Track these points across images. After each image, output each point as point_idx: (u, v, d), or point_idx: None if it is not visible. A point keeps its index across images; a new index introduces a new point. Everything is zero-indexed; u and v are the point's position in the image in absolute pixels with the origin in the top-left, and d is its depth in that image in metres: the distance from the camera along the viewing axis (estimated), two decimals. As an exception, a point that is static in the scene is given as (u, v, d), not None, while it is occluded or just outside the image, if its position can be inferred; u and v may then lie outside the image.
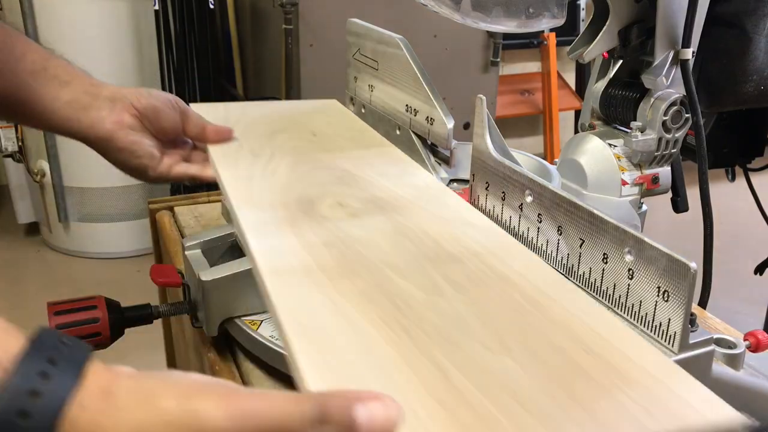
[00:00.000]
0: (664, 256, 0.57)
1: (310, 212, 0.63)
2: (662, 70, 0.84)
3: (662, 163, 0.89)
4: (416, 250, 0.58)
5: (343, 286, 0.51)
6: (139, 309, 0.73)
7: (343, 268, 0.53)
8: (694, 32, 0.83)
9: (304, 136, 0.86)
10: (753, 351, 0.66)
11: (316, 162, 0.77)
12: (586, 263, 0.66)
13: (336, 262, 0.54)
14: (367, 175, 0.73)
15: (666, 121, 0.85)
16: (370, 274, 0.53)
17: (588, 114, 0.96)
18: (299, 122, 0.92)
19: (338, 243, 0.57)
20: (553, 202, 0.70)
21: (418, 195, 0.69)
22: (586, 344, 0.47)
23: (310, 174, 0.73)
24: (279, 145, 0.81)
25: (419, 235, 0.60)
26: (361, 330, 0.46)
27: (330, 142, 0.84)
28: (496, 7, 0.75)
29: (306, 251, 0.55)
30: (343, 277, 0.52)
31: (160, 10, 2.62)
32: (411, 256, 0.56)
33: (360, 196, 0.68)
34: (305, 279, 0.52)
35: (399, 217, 0.63)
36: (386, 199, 0.68)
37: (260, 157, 0.77)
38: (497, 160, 0.78)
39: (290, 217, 0.62)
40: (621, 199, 0.88)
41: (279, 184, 0.69)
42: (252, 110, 0.96)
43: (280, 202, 0.65)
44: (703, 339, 0.61)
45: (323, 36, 2.42)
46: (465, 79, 2.70)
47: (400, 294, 0.51)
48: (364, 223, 0.62)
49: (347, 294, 0.50)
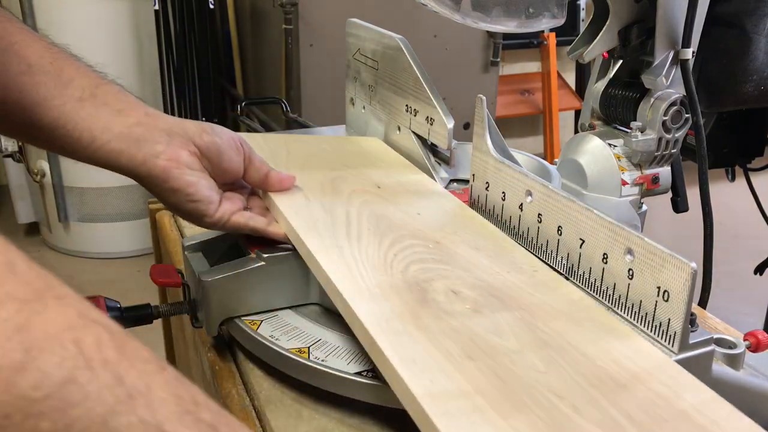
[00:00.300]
0: (664, 256, 0.57)
1: (426, 302, 0.59)
2: (662, 70, 0.84)
3: (662, 163, 0.89)
4: (569, 367, 0.53)
5: (520, 425, 0.46)
6: (139, 309, 0.73)
7: (507, 397, 0.48)
8: (694, 32, 0.83)
9: (368, 188, 0.81)
10: (753, 351, 0.66)
11: (397, 227, 0.72)
12: (586, 263, 0.66)
13: (493, 386, 0.49)
14: (461, 250, 0.69)
15: (666, 121, 0.85)
16: (540, 407, 0.48)
17: (588, 114, 0.96)
18: (354, 167, 0.88)
19: (482, 355, 0.53)
20: (553, 202, 0.70)
21: (527, 281, 0.65)
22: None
23: (399, 244, 0.69)
24: (348, 200, 0.77)
25: (561, 344, 0.55)
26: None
27: (397, 197, 0.80)
28: (496, 7, 0.75)
29: (453, 366, 0.51)
30: (515, 411, 0.47)
31: (160, 10, 2.62)
32: (568, 376, 0.51)
33: (468, 280, 0.64)
34: (475, 416, 0.46)
35: (527, 316, 0.59)
36: (497, 285, 0.63)
37: (335, 216, 0.72)
38: (497, 160, 0.78)
39: (409, 311, 0.57)
40: (621, 199, 0.88)
41: (374, 258, 0.65)
42: (295, 147, 0.92)
43: (388, 286, 0.61)
44: (703, 339, 0.61)
45: (323, 36, 2.42)
46: (465, 79, 2.70)
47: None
48: (495, 323, 0.57)
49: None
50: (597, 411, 0.48)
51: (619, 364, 0.54)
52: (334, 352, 0.67)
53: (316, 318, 0.73)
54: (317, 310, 0.74)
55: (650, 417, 0.48)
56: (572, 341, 0.56)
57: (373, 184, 0.83)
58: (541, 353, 0.54)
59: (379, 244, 0.68)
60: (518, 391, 0.49)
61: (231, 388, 0.71)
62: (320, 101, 2.44)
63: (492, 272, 0.66)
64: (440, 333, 0.55)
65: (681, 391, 0.52)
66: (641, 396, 0.50)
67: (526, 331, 0.56)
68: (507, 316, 0.58)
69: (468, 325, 0.56)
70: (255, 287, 0.72)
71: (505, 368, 0.51)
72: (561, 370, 0.52)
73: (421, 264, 0.65)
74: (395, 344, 0.53)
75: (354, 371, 0.64)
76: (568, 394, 0.49)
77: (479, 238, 0.73)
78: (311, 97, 2.47)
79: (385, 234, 0.70)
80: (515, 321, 0.58)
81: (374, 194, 0.80)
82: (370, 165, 0.91)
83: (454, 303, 0.59)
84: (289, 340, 0.68)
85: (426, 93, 0.89)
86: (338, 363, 0.65)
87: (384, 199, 0.79)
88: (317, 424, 0.65)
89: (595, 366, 0.53)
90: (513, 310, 0.59)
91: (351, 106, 1.10)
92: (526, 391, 0.49)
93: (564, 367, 0.52)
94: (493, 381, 0.50)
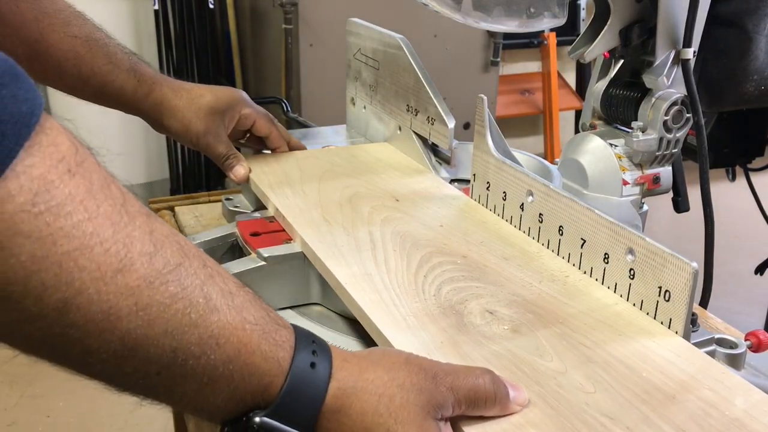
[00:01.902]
0: (665, 255, 0.57)
1: (464, 327, 0.58)
2: (663, 69, 0.84)
3: (663, 162, 0.89)
4: (615, 383, 0.52)
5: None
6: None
7: (560, 426, 0.48)
8: (695, 32, 0.82)
9: (386, 203, 0.81)
10: (754, 351, 0.65)
11: (423, 244, 0.71)
12: (588, 263, 0.66)
13: (545, 414, 0.49)
14: (490, 262, 0.69)
15: (667, 120, 0.85)
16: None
17: (589, 114, 0.96)
18: (369, 179, 0.88)
19: (528, 381, 0.52)
20: (554, 202, 0.70)
21: (560, 290, 0.64)
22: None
23: (428, 264, 0.67)
24: (368, 219, 0.76)
25: (604, 357, 0.55)
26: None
27: (416, 209, 0.79)
28: (497, 7, 0.75)
29: None
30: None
31: (160, 10, 2.62)
32: (616, 393, 0.51)
33: (502, 296, 0.63)
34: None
35: (567, 330, 0.58)
36: (532, 299, 0.63)
37: (359, 240, 0.71)
38: (498, 160, 0.78)
39: (449, 339, 0.56)
40: (622, 199, 0.88)
41: (404, 282, 0.64)
42: (307, 165, 0.92)
43: (423, 313, 0.60)
44: (704, 339, 0.61)
45: (323, 36, 2.42)
46: (465, 79, 2.70)
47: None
48: (536, 343, 0.56)
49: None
50: (650, 429, 0.48)
51: (664, 372, 0.53)
52: (335, 352, 0.66)
53: (317, 318, 0.73)
54: (318, 310, 0.74)
55: (704, 430, 0.48)
56: (614, 352, 0.56)
57: (390, 197, 0.82)
58: (586, 371, 0.53)
59: (408, 265, 0.67)
60: (570, 417, 0.48)
61: (232, 389, 0.70)
62: (320, 101, 2.44)
63: (524, 284, 0.65)
64: (483, 361, 0.54)
65: (730, 396, 0.51)
66: (692, 407, 0.50)
67: (568, 348, 0.56)
68: (546, 333, 0.58)
69: (509, 348, 0.56)
70: (255, 287, 0.72)
71: (553, 393, 0.51)
72: (608, 387, 0.52)
73: (453, 284, 0.64)
74: None
75: (355, 371, 0.64)
76: (619, 414, 0.49)
77: (505, 245, 0.72)
78: (311, 97, 2.47)
79: (411, 254, 0.69)
80: (555, 338, 0.57)
81: (393, 209, 0.79)
82: (383, 173, 0.90)
83: (492, 324, 0.59)
84: (289, 340, 0.68)
85: (427, 93, 0.89)
86: (339, 363, 0.65)
87: (404, 213, 0.78)
88: (318, 425, 0.65)
89: (641, 378, 0.53)
90: (552, 326, 0.59)
91: (352, 106, 1.10)
92: (577, 416, 0.49)
93: (611, 384, 0.52)
94: (544, 409, 0.49)
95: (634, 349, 0.56)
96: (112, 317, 0.36)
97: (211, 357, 0.40)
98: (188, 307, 0.39)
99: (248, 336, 0.42)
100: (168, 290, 0.38)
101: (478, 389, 0.47)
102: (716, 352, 0.61)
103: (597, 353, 0.56)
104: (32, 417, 1.95)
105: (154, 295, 0.37)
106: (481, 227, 0.76)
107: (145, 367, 0.39)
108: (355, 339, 0.69)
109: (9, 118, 0.34)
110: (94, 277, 0.36)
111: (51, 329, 0.36)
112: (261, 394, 0.43)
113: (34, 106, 0.35)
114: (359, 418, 0.44)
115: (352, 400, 0.44)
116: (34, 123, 0.35)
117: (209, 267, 0.42)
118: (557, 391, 0.51)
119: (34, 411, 1.97)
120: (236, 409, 0.43)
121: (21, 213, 0.34)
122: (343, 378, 0.44)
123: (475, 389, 0.47)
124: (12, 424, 1.93)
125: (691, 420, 0.49)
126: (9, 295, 0.34)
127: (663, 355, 0.55)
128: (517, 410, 0.48)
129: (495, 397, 0.48)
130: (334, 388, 0.44)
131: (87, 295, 0.36)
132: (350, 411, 0.44)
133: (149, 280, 0.37)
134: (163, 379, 0.40)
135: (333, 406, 0.44)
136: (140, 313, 0.37)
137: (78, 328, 0.36)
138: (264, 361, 0.42)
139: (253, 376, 0.42)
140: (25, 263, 0.34)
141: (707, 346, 0.60)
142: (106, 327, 0.36)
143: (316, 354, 0.45)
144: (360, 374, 0.45)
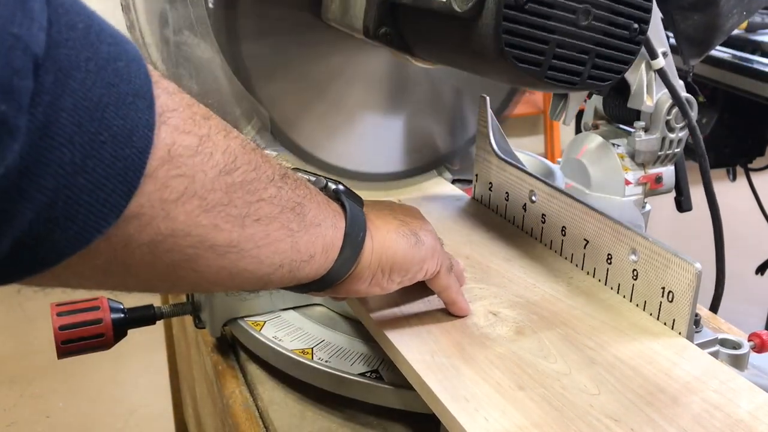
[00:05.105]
0: (668, 256, 0.57)
1: (467, 329, 0.58)
2: (642, 89, 0.83)
3: (666, 162, 0.89)
4: (619, 384, 0.52)
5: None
6: (142, 310, 0.73)
7: (565, 429, 0.48)
8: (656, 39, 0.81)
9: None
10: (758, 352, 0.65)
11: None
12: (591, 264, 0.66)
13: (549, 416, 0.49)
14: (494, 264, 0.69)
15: (669, 120, 0.85)
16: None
17: (591, 113, 0.96)
18: None
19: (532, 383, 0.52)
20: (557, 202, 0.70)
21: (563, 291, 0.64)
22: None
23: None
24: None
25: (608, 359, 0.55)
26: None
27: (420, 209, 0.79)
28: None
29: (505, 399, 0.50)
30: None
31: (160, 9, 2.62)
32: (620, 395, 0.51)
33: (506, 298, 0.63)
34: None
35: (570, 332, 0.58)
36: (535, 300, 0.63)
37: None
38: (501, 160, 0.78)
39: (452, 341, 0.57)
40: (624, 198, 0.88)
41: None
42: None
43: (427, 315, 0.60)
44: (707, 340, 0.61)
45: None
46: (465, 79, 2.70)
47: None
48: (540, 344, 0.57)
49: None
50: (655, 431, 0.48)
51: (668, 374, 0.53)
52: (338, 354, 0.66)
53: (320, 319, 0.72)
54: (321, 311, 0.74)
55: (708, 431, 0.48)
56: (618, 354, 0.55)
57: (392, 197, 0.82)
58: (590, 372, 0.53)
59: None
60: (574, 419, 0.48)
61: (234, 389, 0.70)
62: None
63: (527, 285, 0.65)
64: (487, 363, 0.54)
65: (735, 397, 0.51)
66: (696, 408, 0.50)
67: (572, 350, 0.56)
68: (550, 334, 0.58)
69: (513, 349, 0.56)
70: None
71: (557, 395, 0.51)
72: (612, 389, 0.52)
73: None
74: (444, 382, 0.52)
75: (357, 372, 0.64)
76: (624, 416, 0.49)
77: (508, 246, 0.72)
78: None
79: None
80: (559, 339, 0.57)
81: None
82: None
83: (496, 326, 0.59)
84: (292, 341, 0.68)
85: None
86: (342, 364, 0.65)
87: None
88: (321, 425, 0.65)
89: (645, 380, 0.53)
90: (555, 327, 0.59)
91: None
92: (582, 418, 0.49)
93: (615, 386, 0.52)
94: (548, 411, 0.49)
95: (637, 350, 0.56)
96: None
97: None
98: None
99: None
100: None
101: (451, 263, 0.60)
102: (719, 352, 0.61)
103: (601, 355, 0.55)
104: (32, 417, 1.95)
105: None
106: (483, 228, 0.76)
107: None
108: (357, 340, 0.69)
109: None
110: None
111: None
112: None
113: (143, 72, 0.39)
114: (385, 226, 0.55)
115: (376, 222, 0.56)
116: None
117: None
118: (561, 393, 0.51)
119: (33, 411, 1.97)
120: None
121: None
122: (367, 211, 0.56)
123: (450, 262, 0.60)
124: (12, 424, 1.93)
125: (695, 421, 0.48)
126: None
127: (667, 356, 0.55)
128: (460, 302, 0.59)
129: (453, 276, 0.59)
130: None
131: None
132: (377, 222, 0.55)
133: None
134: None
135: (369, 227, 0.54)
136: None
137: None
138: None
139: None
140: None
141: (711, 346, 0.60)
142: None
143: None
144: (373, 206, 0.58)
